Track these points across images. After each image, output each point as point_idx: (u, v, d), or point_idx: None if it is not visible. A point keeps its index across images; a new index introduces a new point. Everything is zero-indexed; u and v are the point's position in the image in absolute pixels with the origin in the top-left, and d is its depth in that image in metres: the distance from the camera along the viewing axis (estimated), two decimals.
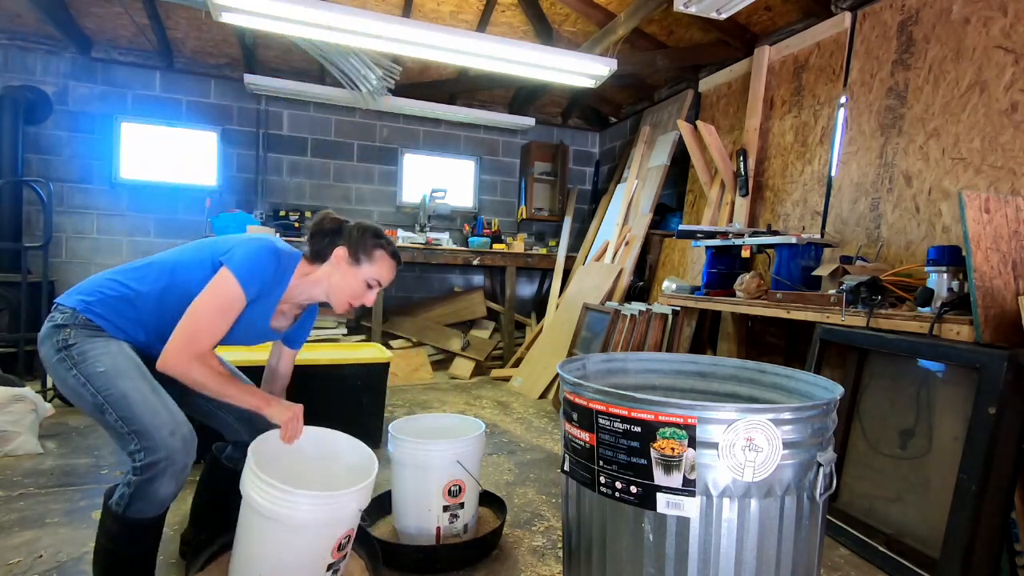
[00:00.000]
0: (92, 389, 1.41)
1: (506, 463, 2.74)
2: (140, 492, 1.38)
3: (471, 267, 5.68)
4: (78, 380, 1.42)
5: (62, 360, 1.43)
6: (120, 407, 1.39)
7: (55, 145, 4.45)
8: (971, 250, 1.72)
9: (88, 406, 1.43)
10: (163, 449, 1.37)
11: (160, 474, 1.37)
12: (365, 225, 1.64)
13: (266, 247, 1.51)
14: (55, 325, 1.46)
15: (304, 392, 2.65)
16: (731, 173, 3.71)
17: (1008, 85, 2.32)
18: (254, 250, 1.49)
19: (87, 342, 1.45)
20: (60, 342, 1.44)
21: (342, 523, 1.41)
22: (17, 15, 4.05)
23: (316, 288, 1.62)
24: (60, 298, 1.52)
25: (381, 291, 1.91)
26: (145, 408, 1.40)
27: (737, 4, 2.86)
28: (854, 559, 1.94)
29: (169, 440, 1.38)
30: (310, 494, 1.34)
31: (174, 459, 1.38)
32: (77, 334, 1.45)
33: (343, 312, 1.64)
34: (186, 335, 1.42)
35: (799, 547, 1.12)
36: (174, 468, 1.38)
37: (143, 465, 1.37)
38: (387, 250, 1.63)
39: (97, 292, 1.50)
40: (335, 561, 1.44)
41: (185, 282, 1.50)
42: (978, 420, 1.61)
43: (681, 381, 1.65)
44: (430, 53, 3.56)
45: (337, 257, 1.59)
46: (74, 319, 1.47)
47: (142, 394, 1.41)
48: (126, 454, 1.41)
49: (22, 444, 2.58)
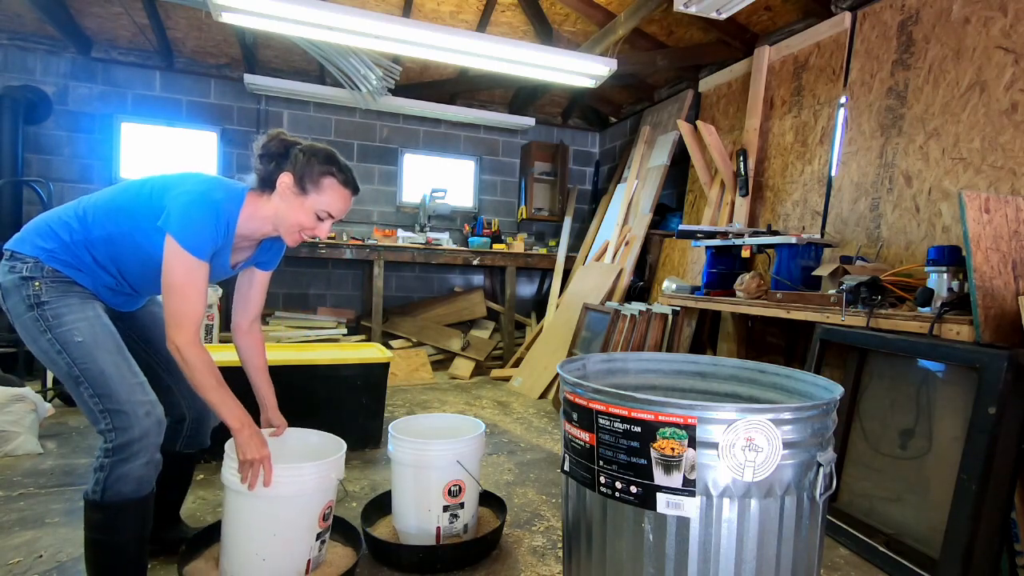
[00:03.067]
0: (68, 359, 1.35)
1: (506, 463, 2.74)
2: (115, 474, 1.35)
3: (471, 267, 5.68)
4: (52, 346, 1.35)
5: (36, 320, 1.35)
6: (97, 383, 1.35)
7: (55, 145, 4.45)
8: (971, 250, 1.72)
9: (61, 374, 1.38)
10: (138, 429, 1.35)
11: (134, 455, 1.35)
12: (315, 148, 1.47)
13: (201, 203, 1.37)
14: (22, 277, 1.36)
15: (304, 392, 2.67)
16: (731, 173, 3.71)
17: (1008, 85, 2.32)
18: (191, 214, 1.35)
19: (61, 301, 1.37)
20: (31, 297, 1.35)
21: (325, 492, 1.56)
22: (17, 15, 4.05)
23: (267, 225, 1.51)
24: (12, 243, 1.41)
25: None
26: (122, 386, 1.36)
27: (737, 4, 2.86)
28: (854, 559, 1.94)
29: (145, 420, 1.36)
30: (293, 466, 1.49)
31: (149, 439, 1.36)
32: (49, 290, 1.37)
33: (294, 245, 1.53)
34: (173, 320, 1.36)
35: (799, 547, 1.12)
36: (148, 448, 1.37)
37: (116, 446, 1.34)
38: (338, 178, 1.46)
39: (53, 237, 1.40)
40: (322, 530, 1.60)
41: (131, 231, 1.42)
42: (978, 420, 1.61)
43: (681, 381, 1.65)
44: (430, 53, 3.56)
45: (283, 185, 1.45)
46: (40, 270, 1.37)
47: (120, 371, 1.37)
48: (97, 431, 1.37)
49: (22, 444, 2.58)
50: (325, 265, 5.24)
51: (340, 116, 5.24)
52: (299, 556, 1.55)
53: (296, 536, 1.53)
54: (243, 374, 1.80)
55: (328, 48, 4.24)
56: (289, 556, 1.53)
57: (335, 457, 1.58)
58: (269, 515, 1.49)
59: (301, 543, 1.55)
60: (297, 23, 3.22)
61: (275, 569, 1.51)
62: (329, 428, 1.80)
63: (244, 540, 1.51)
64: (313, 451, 1.73)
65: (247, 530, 1.51)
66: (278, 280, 5.08)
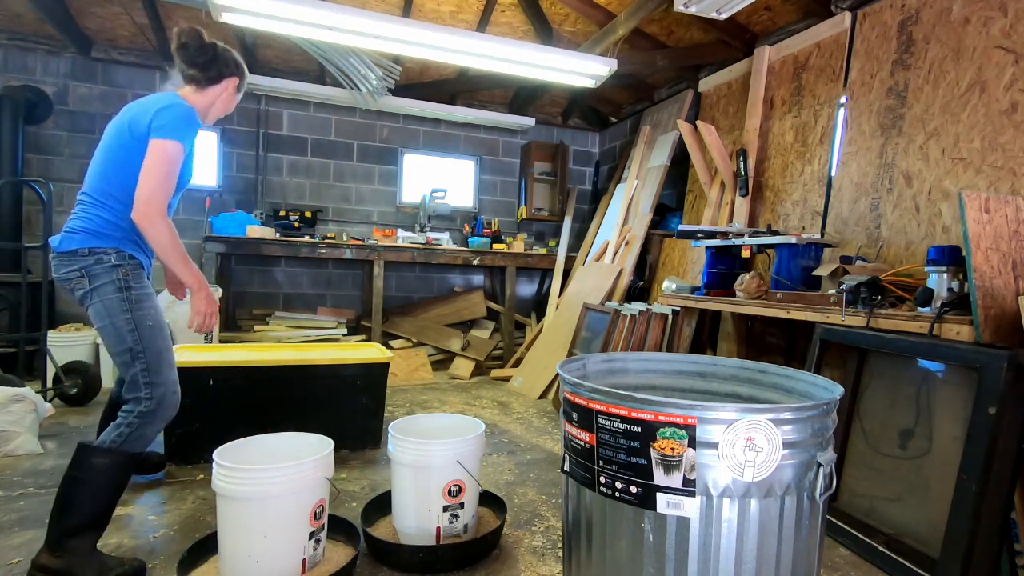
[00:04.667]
0: (137, 337, 1.66)
1: (506, 463, 2.74)
2: (138, 432, 1.64)
3: (471, 267, 5.68)
4: (128, 324, 1.65)
5: (122, 301, 1.66)
6: (152, 362, 1.67)
7: (55, 145, 4.45)
8: (971, 250, 1.72)
9: (122, 347, 1.66)
10: (168, 403, 1.68)
11: (156, 421, 1.67)
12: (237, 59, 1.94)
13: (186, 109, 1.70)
14: (112, 265, 1.66)
15: (305, 392, 2.67)
16: (731, 173, 3.71)
17: (1008, 85, 2.32)
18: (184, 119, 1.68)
19: (141, 287, 1.70)
20: (120, 280, 1.66)
21: (312, 491, 1.58)
22: (17, 15, 4.05)
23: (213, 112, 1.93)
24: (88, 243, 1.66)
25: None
26: (168, 368, 1.70)
27: (737, 4, 2.86)
28: (854, 559, 1.94)
29: (172, 398, 1.70)
30: (276, 466, 1.52)
31: (169, 412, 1.70)
32: (133, 275, 1.69)
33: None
34: (148, 195, 1.61)
35: (799, 547, 1.12)
36: (166, 419, 1.70)
37: (147, 411, 1.65)
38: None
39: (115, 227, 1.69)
40: (315, 529, 1.62)
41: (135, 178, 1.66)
42: (978, 420, 1.61)
43: (681, 381, 1.65)
44: (430, 53, 3.56)
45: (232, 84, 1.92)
46: (122, 258, 1.68)
47: (169, 356, 1.71)
48: (132, 398, 1.65)
49: (22, 444, 2.58)
50: (325, 265, 5.24)
51: (340, 116, 5.24)
52: (292, 556, 1.56)
53: (287, 536, 1.55)
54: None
55: (328, 48, 4.24)
56: (282, 556, 1.54)
57: (318, 456, 1.61)
58: (258, 516, 1.51)
59: (293, 543, 1.56)
60: (297, 23, 3.22)
61: (268, 570, 1.52)
62: (329, 428, 1.81)
63: (237, 543, 1.53)
64: (302, 453, 1.74)
65: (238, 533, 1.52)
66: (278, 280, 5.09)
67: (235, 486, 1.49)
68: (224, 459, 1.54)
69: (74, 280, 1.68)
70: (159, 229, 1.62)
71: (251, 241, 4.30)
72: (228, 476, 1.50)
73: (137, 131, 1.66)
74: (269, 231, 4.41)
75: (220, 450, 1.61)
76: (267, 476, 1.50)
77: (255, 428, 1.91)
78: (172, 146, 1.64)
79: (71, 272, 1.68)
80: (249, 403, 2.56)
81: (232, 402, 2.53)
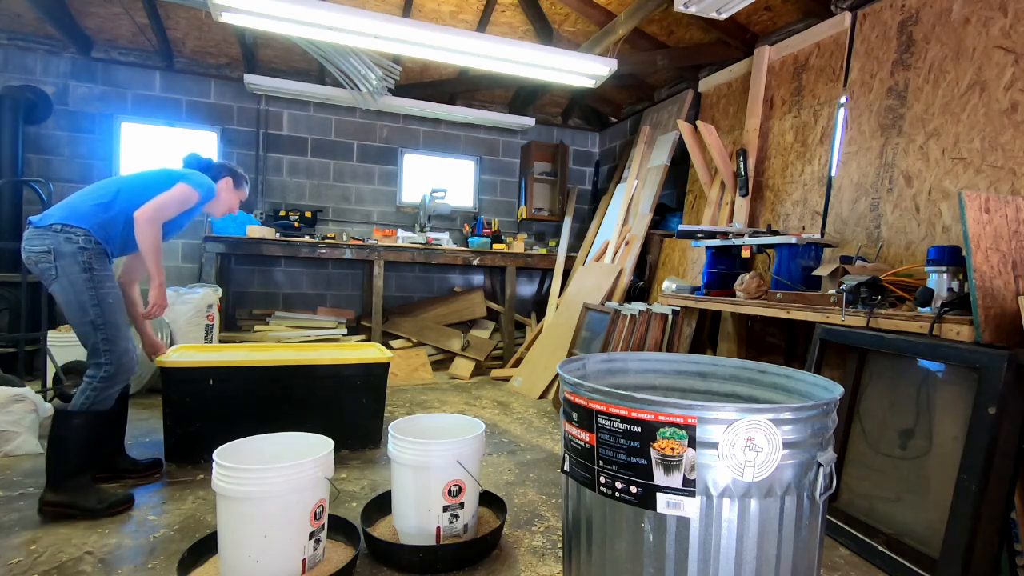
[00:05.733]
0: (99, 311, 1.97)
1: (506, 463, 2.74)
2: (101, 393, 2.02)
3: (471, 267, 5.68)
4: (91, 300, 1.97)
5: (87, 280, 1.96)
6: (110, 332, 2.00)
7: (55, 145, 4.45)
8: (971, 250, 1.72)
9: (85, 320, 1.97)
10: (125, 366, 2.06)
11: (116, 383, 2.05)
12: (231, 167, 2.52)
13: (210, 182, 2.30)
14: (79, 247, 1.95)
15: (305, 392, 2.67)
16: (731, 173, 3.71)
17: (1008, 85, 2.32)
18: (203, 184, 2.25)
19: (104, 268, 2.01)
20: (86, 263, 1.96)
21: (312, 490, 1.59)
22: (17, 15, 4.06)
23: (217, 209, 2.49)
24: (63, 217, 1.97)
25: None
26: (122, 337, 2.04)
27: (737, 4, 2.86)
28: (854, 559, 1.94)
29: (128, 361, 2.07)
30: (276, 466, 1.52)
31: (126, 374, 2.08)
32: (97, 259, 1.99)
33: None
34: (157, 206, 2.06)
35: (799, 547, 1.12)
36: (123, 380, 2.09)
37: (107, 376, 2.01)
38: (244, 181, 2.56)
39: (93, 216, 2.02)
40: (315, 529, 1.63)
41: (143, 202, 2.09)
42: (978, 420, 1.61)
43: (681, 381, 1.65)
44: (430, 53, 3.56)
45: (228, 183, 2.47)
46: (90, 242, 1.98)
47: (124, 327, 2.06)
48: (92, 364, 2.01)
49: (22, 444, 2.58)
50: (325, 265, 5.24)
51: (340, 116, 5.24)
52: (292, 556, 1.56)
53: (287, 536, 1.55)
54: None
55: (328, 48, 4.24)
56: (281, 556, 1.54)
57: (318, 456, 1.61)
58: (258, 516, 1.51)
59: (293, 543, 1.56)
60: (297, 23, 3.22)
61: (268, 570, 1.53)
62: (329, 428, 1.81)
63: (236, 543, 1.53)
64: (302, 453, 1.74)
65: (238, 533, 1.53)
66: (278, 280, 5.09)
67: (235, 486, 1.49)
68: (224, 459, 1.54)
69: (40, 255, 1.95)
70: (151, 230, 2.05)
71: (251, 241, 4.30)
72: (228, 476, 1.50)
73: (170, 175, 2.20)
74: (269, 231, 4.41)
75: (220, 450, 1.61)
76: (267, 476, 1.50)
77: (255, 428, 1.91)
78: (191, 193, 2.17)
79: (40, 246, 1.95)
80: (249, 403, 2.56)
81: (232, 402, 2.54)
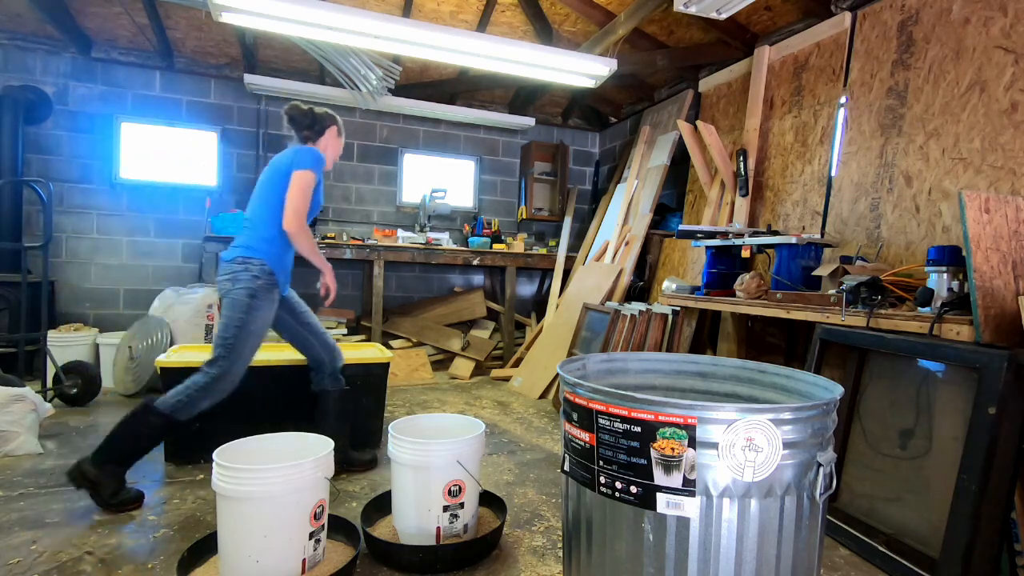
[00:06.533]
0: (236, 330, 2.14)
1: (506, 463, 2.74)
2: (194, 399, 2.10)
3: (471, 267, 5.68)
4: (238, 323, 2.14)
5: (246, 305, 2.15)
6: (234, 354, 2.15)
7: (55, 145, 4.45)
8: (971, 250, 1.72)
9: (223, 332, 2.14)
10: (226, 382, 2.15)
11: (212, 394, 2.13)
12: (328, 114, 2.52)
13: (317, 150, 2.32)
14: (253, 276, 2.17)
15: (305, 392, 2.67)
16: (731, 173, 3.71)
17: (1008, 85, 2.32)
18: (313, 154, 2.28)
19: (264, 300, 2.19)
20: (250, 290, 2.16)
21: (311, 490, 1.59)
22: (17, 15, 4.05)
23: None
24: (244, 252, 2.20)
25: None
26: (243, 361, 2.18)
27: (737, 4, 2.86)
28: (854, 559, 1.94)
29: (230, 381, 2.17)
30: (276, 466, 1.52)
31: (221, 392, 2.16)
32: (262, 289, 2.19)
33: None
34: (293, 211, 2.19)
35: (799, 547, 1.12)
36: (217, 396, 2.15)
37: (207, 382, 2.11)
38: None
39: (266, 249, 2.23)
40: (315, 530, 1.63)
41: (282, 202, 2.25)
42: (978, 420, 1.61)
43: (681, 381, 1.65)
44: (430, 53, 3.56)
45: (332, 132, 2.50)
46: (263, 273, 2.19)
47: (251, 354, 2.21)
48: (202, 370, 2.12)
49: (22, 444, 2.58)
50: None
51: (340, 116, 5.22)
52: (292, 556, 1.56)
53: (287, 536, 1.55)
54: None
55: (328, 48, 4.24)
56: (282, 556, 1.55)
57: (318, 456, 1.62)
58: (258, 516, 1.51)
59: (293, 543, 1.56)
60: (297, 23, 3.22)
61: (268, 570, 1.53)
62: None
63: (237, 543, 1.53)
64: (301, 453, 1.74)
65: (238, 533, 1.53)
66: None
67: (235, 486, 1.49)
68: (224, 459, 1.55)
69: (223, 281, 2.20)
70: (303, 236, 2.22)
71: None
72: (228, 476, 1.50)
73: (281, 169, 2.25)
74: None
75: (220, 450, 1.61)
76: (267, 476, 1.50)
77: (255, 428, 1.91)
78: (307, 174, 2.22)
79: (224, 275, 2.21)
80: (249, 403, 2.56)
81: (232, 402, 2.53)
